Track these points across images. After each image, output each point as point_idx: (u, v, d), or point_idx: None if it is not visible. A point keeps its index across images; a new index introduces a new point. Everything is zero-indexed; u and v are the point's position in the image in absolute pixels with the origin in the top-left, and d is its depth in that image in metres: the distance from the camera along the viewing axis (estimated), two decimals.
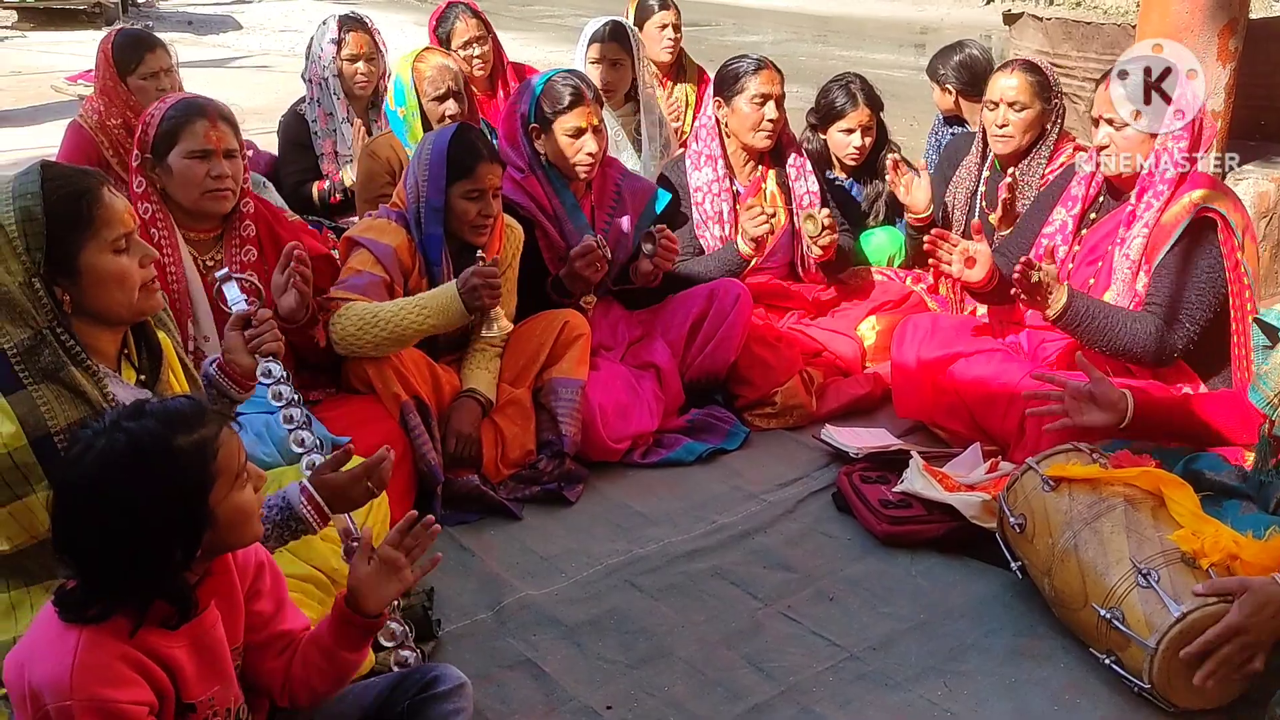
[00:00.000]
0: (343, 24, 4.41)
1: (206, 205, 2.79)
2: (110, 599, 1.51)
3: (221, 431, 1.59)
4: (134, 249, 1.92)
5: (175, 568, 1.55)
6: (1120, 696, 2.27)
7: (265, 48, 11.15)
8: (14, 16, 11.30)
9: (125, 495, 1.49)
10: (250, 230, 2.91)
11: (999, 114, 3.78)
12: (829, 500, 3.08)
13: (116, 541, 1.49)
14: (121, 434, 1.52)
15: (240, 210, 2.89)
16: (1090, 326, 2.98)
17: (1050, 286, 2.97)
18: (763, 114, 3.76)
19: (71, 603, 1.52)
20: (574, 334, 3.29)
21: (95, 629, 1.50)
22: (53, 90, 8.20)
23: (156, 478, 1.51)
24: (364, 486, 2.09)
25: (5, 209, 1.82)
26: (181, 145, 2.74)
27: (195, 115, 2.76)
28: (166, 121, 2.76)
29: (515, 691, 2.32)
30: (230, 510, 1.59)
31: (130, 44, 3.99)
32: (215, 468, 1.56)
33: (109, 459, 1.50)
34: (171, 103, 2.82)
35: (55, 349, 1.83)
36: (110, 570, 1.51)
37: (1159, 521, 2.33)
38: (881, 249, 4.27)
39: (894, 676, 2.37)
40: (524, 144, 3.50)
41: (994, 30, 13.48)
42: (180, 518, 1.53)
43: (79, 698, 1.46)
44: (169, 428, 1.53)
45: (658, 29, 4.99)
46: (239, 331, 2.29)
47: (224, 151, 2.77)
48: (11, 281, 1.81)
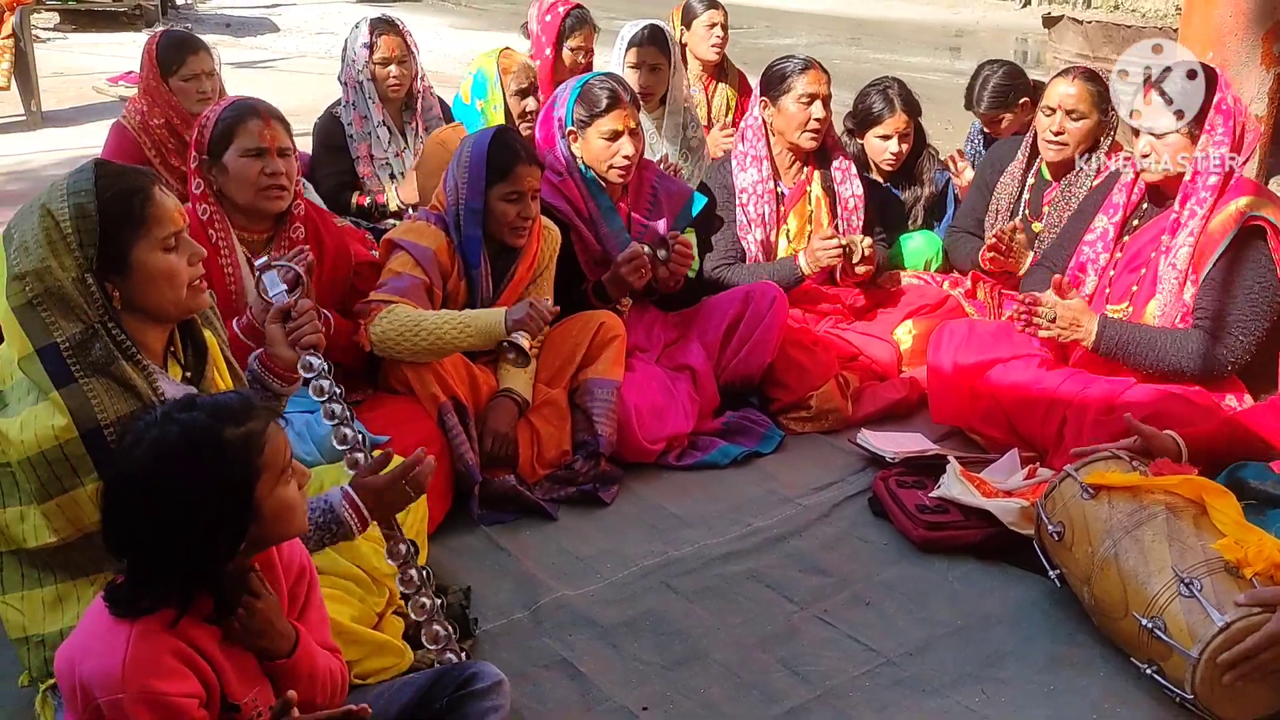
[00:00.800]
0: (374, 27, 4.44)
1: (262, 203, 2.84)
2: (158, 591, 1.53)
3: (269, 426, 1.62)
4: (183, 247, 1.94)
5: (220, 560, 1.56)
6: (1161, 707, 2.25)
7: (302, 50, 11.23)
8: (56, 18, 11.44)
9: (176, 486, 1.51)
10: (300, 232, 2.96)
11: (1055, 120, 3.73)
12: (865, 505, 3.07)
13: (166, 532, 1.52)
14: (173, 426, 1.54)
15: (292, 212, 2.94)
16: (1129, 352, 2.97)
17: (1077, 320, 2.98)
18: (809, 113, 3.75)
19: (122, 597, 1.54)
20: (610, 335, 3.30)
21: (146, 623, 1.52)
22: (94, 91, 8.30)
23: (206, 469, 1.53)
24: (403, 489, 2.10)
25: (60, 205, 1.85)
26: (237, 144, 2.79)
27: (249, 115, 2.82)
28: (222, 122, 2.81)
29: (551, 691, 2.33)
30: (275, 504, 1.61)
31: (174, 46, 4.04)
32: (262, 461, 1.58)
33: (161, 450, 1.53)
34: (226, 104, 2.88)
35: (106, 343, 1.86)
36: (159, 561, 1.53)
37: (1201, 530, 2.31)
38: (919, 253, 4.25)
39: (931, 683, 2.36)
40: (561, 147, 3.52)
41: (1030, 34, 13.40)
42: (227, 510, 1.55)
43: (130, 690, 1.48)
44: (218, 421, 1.56)
45: (706, 28, 5.04)
46: (279, 324, 2.28)
47: (278, 149, 2.82)
48: (65, 277, 1.84)
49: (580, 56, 4.84)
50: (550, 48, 4.76)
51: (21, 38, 7.00)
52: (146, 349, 1.94)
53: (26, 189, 5.56)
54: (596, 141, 3.45)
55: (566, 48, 4.78)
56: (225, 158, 2.81)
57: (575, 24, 4.80)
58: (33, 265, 1.83)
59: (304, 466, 1.71)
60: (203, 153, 2.84)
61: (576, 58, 4.82)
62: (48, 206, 1.86)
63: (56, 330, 1.84)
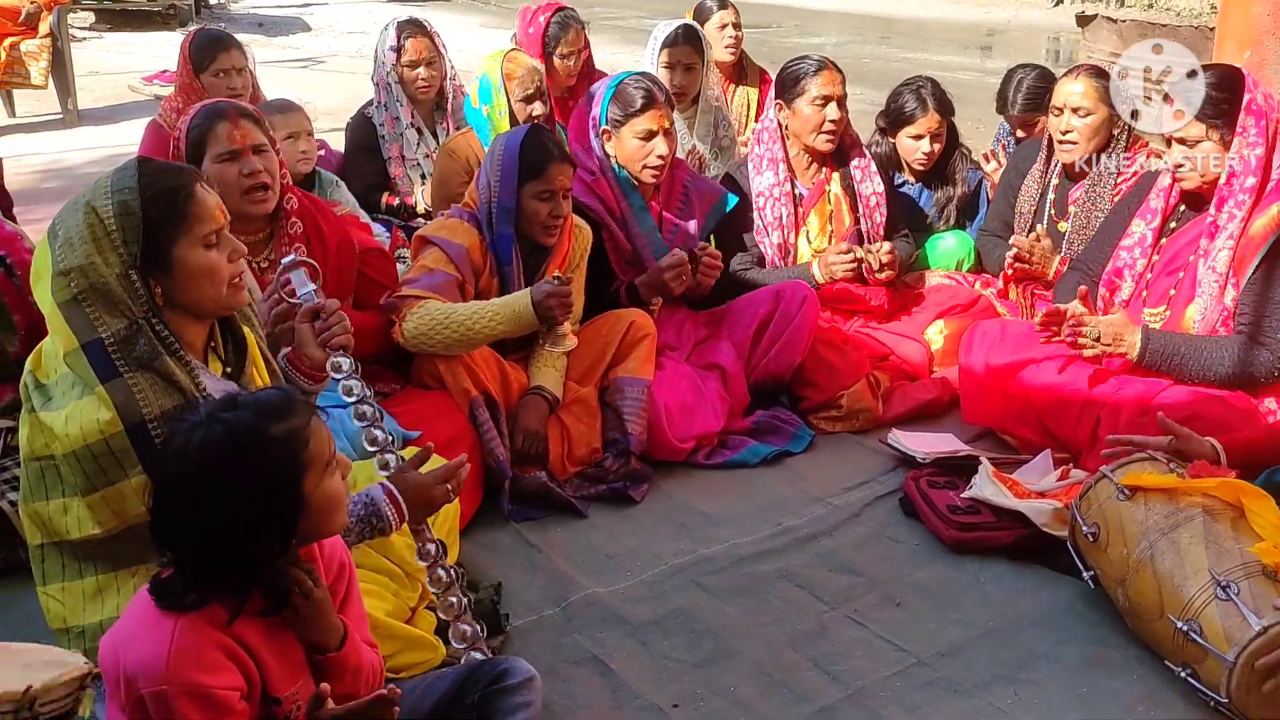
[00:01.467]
0: (401, 30, 4.45)
1: (248, 207, 2.78)
2: (207, 588, 1.55)
3: (311, 420, 1.63)
4: (224, 244, 1.96)
5: (273, 556, 1.58)
6: (1196, 710, 2.24)
7: (334, 49, 11.31)
8: (92, 18, 11.58)
9: (222, 486, 1.53)
10: (297, 227, 2.93)
11: (1064, 120, 3.72)
12: (896, 505, 3.06)
13: (215, 532, 1.53)
14: (218, 425, 1.56)
15: (285, 208, 2.91)
16: (1174, 364, 2.95)
17: (1119, 335, 2.96)
18: (824, 115, 3.74)
19: (168, 591, 1.56)
20: (640, 334, 3.31)
21: (191, 616, 1.54)
22: (129, 90, 8.39)
23: (253, 467, 1.55)
24: (444, 489, 2.13)
25: (104, 202, 1.88)
26: (210, 151, 2.74)
27: (216, 119, 2.76)
28: (193, 131, 2.76)
29: (582, 687, 2.34)
30: (322, 497, 1.63)
31: (206, 43, 4.09)
32: (307, 456, 1.60)
33: (207, 451, 1.54)
34: (195, 111, 2.82)
35: (150, 339, 1.88)
36: (208, 560, 1.55)
37: (1239, 533, 2.29)
38: (950, 253, 4.23)
39: (962, 684, 2.35)
40: (594, 146, 3.52)
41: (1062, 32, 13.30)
42: (276, 506, 1.56)
43: (174, 683, 1.50)
44: (262, 418, 1.57)
45: (717, 29, 4.98)
46: (309, 324, 2.27)
47: (252, 148, 2.75)
48: (109, 273, 1.86)
49: (572, 62, 4.70)
50: (541, 60, 4.57)
51: (59, 37, 7.09)
52: (188, 345, 1.96)
53: (64, 186, 5.63)
54: (630, 141, 3.46)
55: (556, 57, 4.65)
56: (204, 166, 2.73)
57: (559, 31, 4.65)
58: (78, 261, 1.86)
59: (346, 458, 1.72)
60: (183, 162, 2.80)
61: (568, 64, 4.69)
62: (92, 203, 1.88)
63: (101, 326, 1.86)
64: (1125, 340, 3.01)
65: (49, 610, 2.02)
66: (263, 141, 2.80)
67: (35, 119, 7.44)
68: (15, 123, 7.33)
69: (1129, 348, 2.99)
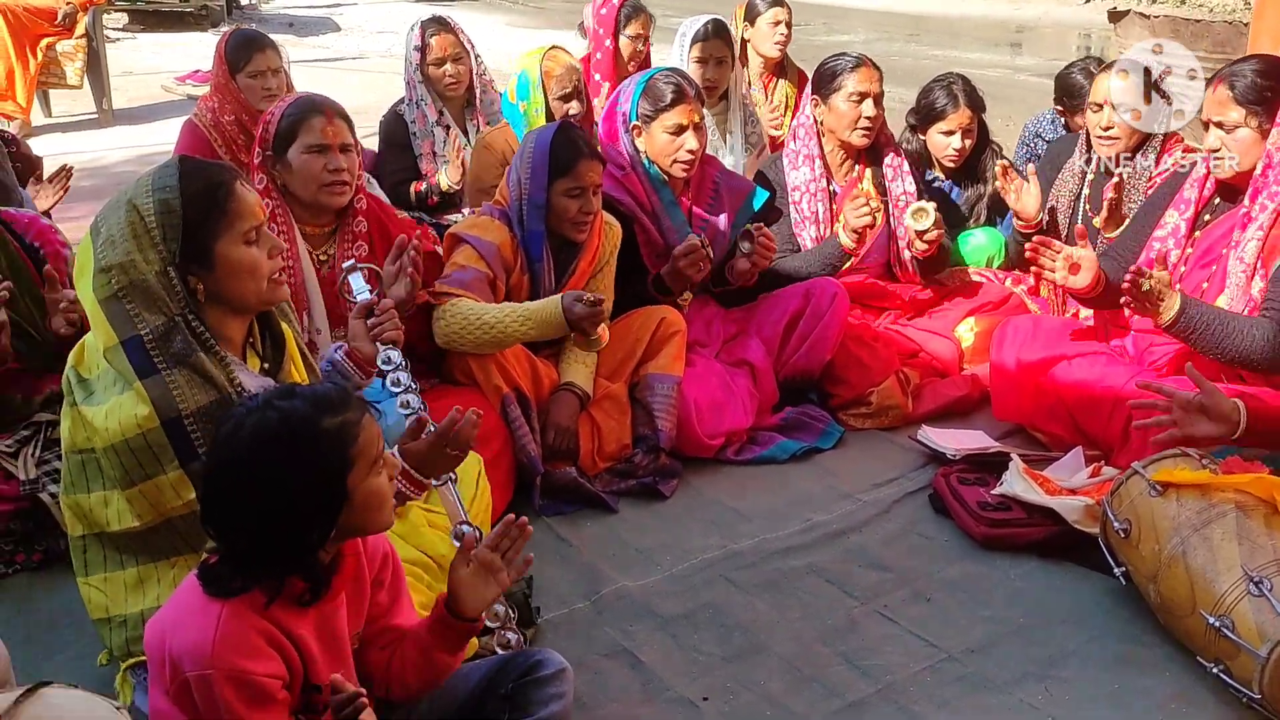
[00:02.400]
0: (425, 28, 4.49)
1: (324, 198, 2.88)
2: (251, 572, 1.58)
3: (363, 417, 1.66)
4: (263, 240, 1.99)
5: (312, 545, 1.61)
6: (1228, 707, 2.23)
7: (363, 49, 11.38)
8: (125, 19, 11.70)
9: (273, 471, 1.56)
10: (362, 226, 3.00)
11: (1104, 116, 3.71)
12: (925, 501, 3.06)
13: (262, 515, 1.57)
14: (273, 412, 1.59)
15: (354, 206, 2.98)
16: (1205, 334, 2.90)
17: (1162, 293, 2.90)
18: (860, 111, 3.74)
19: (215, 576, 1.59)
20: (670, 330, 3.32)
21: (237, 603, 1.57)
22: (162, 90, 8.48)
23: (303, 456, 1.58)
24: (444, 451, 2.14)
25: (145, 200, 1.91)
26: (300, 140, 2.84)
27: (312, 112, 2.87)
28: (286, 119, 2.86)
29: (612, 679, 2.36)
30: (366, 493, 1.65)
31: (242, 43, 4.14)
32: (355, 450, 1.63)
33: (261, 434, 1.58)
34: (290, 101, 2.93)
35: (186, 335, 1.91)
36: (254, 543, 1.58)
37: (1272, 529, 2.28)
38: (981, 250, 4.21)
39: (993, 680, 2.35)
40: (625, 141, 3.54)
41: (1094, 29, 13.20)
42: (322, 496, 1.59)
43: (219, 667, 1.53)
44: (317, 410, 1.61)
45: (770, 25, 5.07)
46: (362, 320, 2.41)
47: (340, 146, 2.86)
48: (149, 270, 1.90)
49: (639, 45, 4.90)
50: (610, 38, 4.82)
51: (94, 37, 7.18)
52: (227, 341, 2.00)
53: (100, 185, 5.70)
54: (660, 136, 3.47)
55: (624, 36, 4.86)
56: (289, 154, 2.86)
57: (631, 13, 4.87)
58: (118, 259, 1.89)
59: (395, 458, 1.74)
60: (267, 148, 2.89)
61: (635, 45, 4.88)
62: (134, 201, 1.92)
63: (140, 322, 1.90)
64: (1165, 300, 2.95)
65: (90, 600, 2.06)
66: (350, 142, 2.91)
67: (71, 119, 7.54)
68: (51, 122, 7.43)
69: (1167, 308, 2.94)
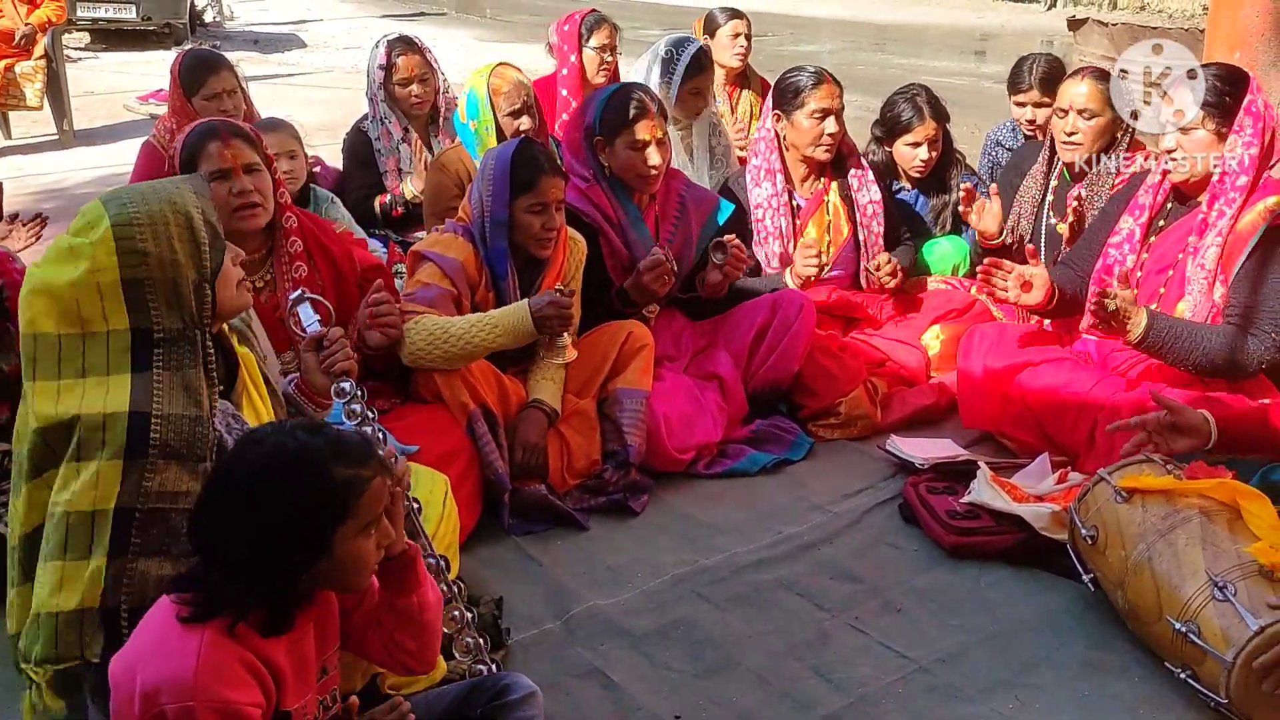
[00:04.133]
0: (391, 48, 4.47)
1: (238, 225, 2.78)
2: (226, 590, 1.56)
3: (375, 479, 1.64)
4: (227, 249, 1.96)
5: (282, 580, 1.59)
6: (1196, 712, 2.24)
7: (330, 65, 11.35)
8: (87, 38, 11.62)
9: (272, 494, 1.56)
10: (298, 245, 2.95)
11: (1069, 121, 3.74)
12: (895, 511, 3.07)
13: (247, 535, 1.56)
14: (294, 441, 1.60)
15: (284, 226, 2.92)
16: (1173, 347, 2.94)
17: (1128, 312, 2.93)
18: (823, 129, 3.75)
19: (192, 596, 1.57)
20: (638, 345, 3.31)
21: (216, 631, 1.55)
22: (125, 109, 8.42)
23: (304, 490, 1.57)
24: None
25: (196, 212, 1.88)
26: (202, 169, 2.75)
27: (207, 138, 2.78)
28: (184, 151, 2.79)
29: (584, 700, 2.34)
30: (349, 552, 1.63)
31: (195, 66, 4.09)
32: (355, 507, 1.61)
33: (273, 457, 1.58)
34: (188, 131, 2.84)
35: (196, 349, 1.87)
36: (235, 562, 1.56)
37: (1235, 534, 2.30)
38: (946, 258, 4.24)
39: (964, 689, 2.35)
40: (588, 155, 3.53)
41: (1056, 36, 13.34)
42: (306, 537, 1.58)
43: (202, 698, 1.50)
44: (334, 455, 1.60)
45: (730, 37, 5.10)
46: (313, 352, 2.36)
47: (243, 167, 2.77)
48: (189, 276, 1.86)
49: (606, 56, 4.87)
50: (575, 53, 4.81)
51: (53, 58, 7.12)
52: None
53: (61, 207, 5.63)
54: (624, 151, 3.47)
55: (589, 48, 4.83)
56: None
57: (595, 25, 4.85)
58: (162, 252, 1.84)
59: (390, 531, 1.72)
60: None
61: (602, 57, 4.85)
62: (186, 208, 1.87)
63: (159, 319, 1.85)
64: (1132, 318, 2.98)
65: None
66: (254, 160, 2.80)
67: (31, 140, 7.47)
68: (11, 144, 7.37)
69: (1134, 325, 2.97)
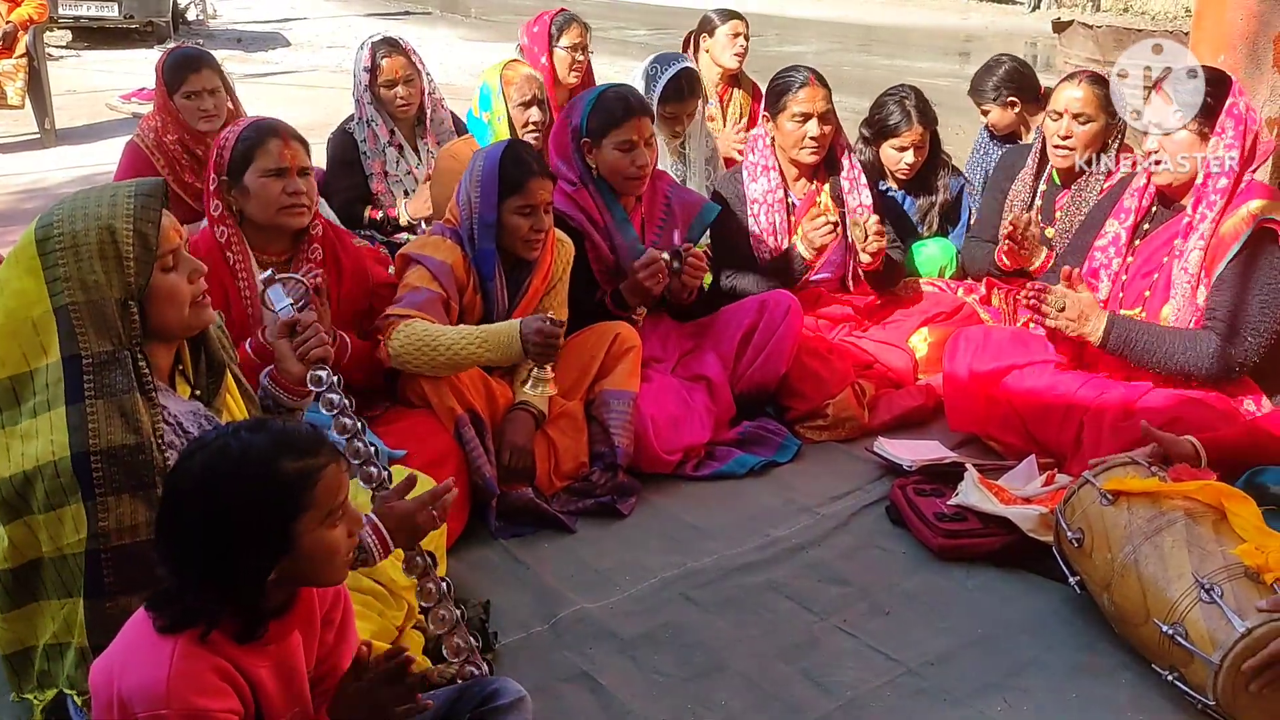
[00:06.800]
0: (375, 49, 4.44)
1: (284, 220, 2.86)
2: (193, 601, 1.53)
3: (328, 466, 1.59)
4: (182, 265, 1.92)
5: (247, 583, 1.56)
6: (1184, 713, 2.25)
7: (314, 64, 11.30)
8: (69, 36, 11.54)
9: (219, 500, 1.52)
10: (318, 253, 2.98)
11: (1062, 125, 3.74)
12: (883, 513, 3.07)
13: (204, 544, 1.52)
14: (234, 442, 1.56)
15: (311, 233, 2.96)
16: (1137, 350, 2.96)
17: (1085, 315, 2.97)
18: (805, 131, 3.76)
19: (163, 606, 1.54)
20: (625, 346, 3.31)
21: (189, 639, 1.52)
22: (107, 108, 8.36)
23: (249, 492, 1.53)
24: (429, 514, 2.07)
25: (125, 227, 1.84)
26: (257, 164, 2.81)
27: (269, 135, 2.84)
28: (242, 143, 2.83)
29: (573, 704, 2.33)
30: (314, 544, 1.59)
31: (177, 63, 4.04)
32: (310, 498, 1.57)
33: (214, 462, 1.54)
34: (245, 125, 2.90)
35: (129, 371, 1.83)
36: (195, 572, 1.53)
37: (1221, 536, 2.30)
38: (933, 260, 4.25)
39: (953, 692, 2.35)
40: (575, 157, 3.52)
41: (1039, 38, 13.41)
42: (263, 537, 1.54)
43: (174, 707, 1.48)
44: (279, 449, 1.56)
45: (729, 37, 5.10)
46: (286, 339, 2.27)
47: (298, 169, 2.85)
48: (112, 295, 1.83)
49: (577, 55, 4.86)
50: (545, 55, 4.81)
51: (35, 56, 7.07)
52: (154, 369, 1.92)
53: (42, 206, 5.54)
54: (611, 152, 3.46)
55: (560, 49, 4.83)
56: (246, 178, 2.82)
57: (564, 23, 4.84)
58: (81, 274, 1.81)
59: (358, 513, 1.68)
60: (222, 174, 2.85)
61: (573, 56, 4.84)
62: (112, 225, 1.83)
63: (86, 344, 1.82)
64: (1090, 321, 3.01)
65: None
66: (307, 165, 2.90)
67: (12, 139, 7.42)
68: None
69: (1093, 330, 2.99)
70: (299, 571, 1.61)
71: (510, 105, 4.01)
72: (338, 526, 1.62)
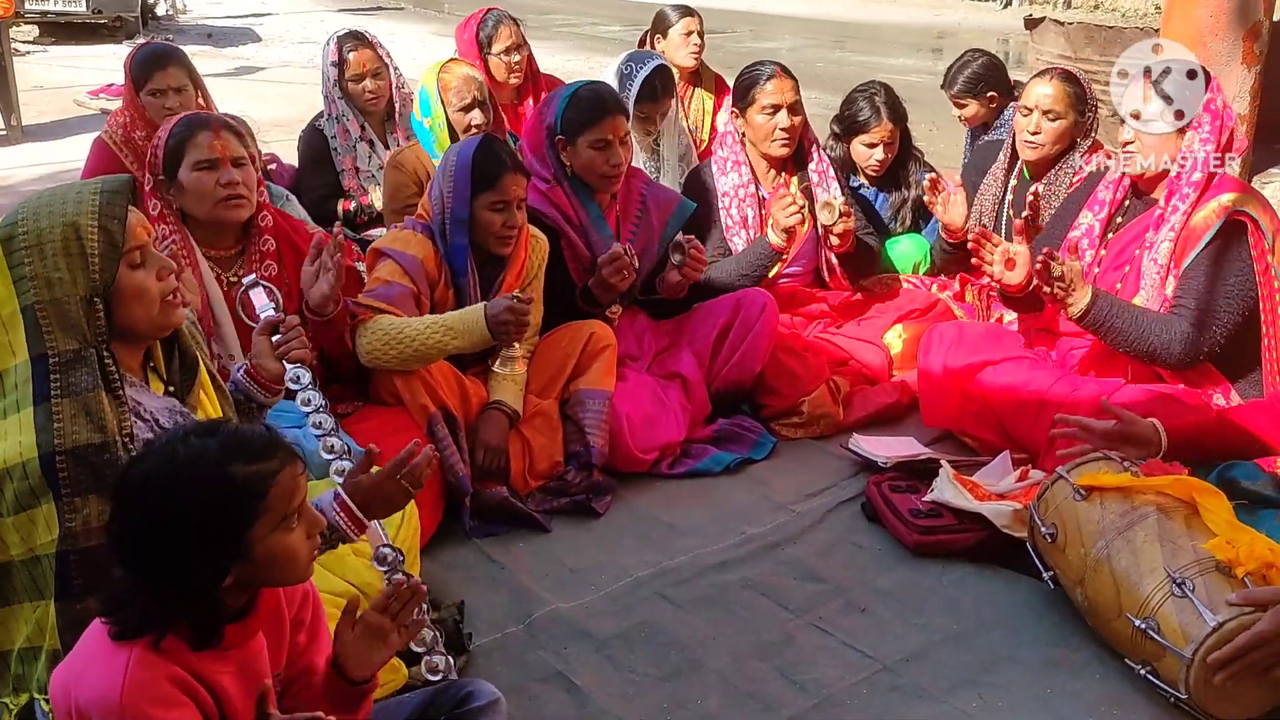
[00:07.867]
0: (341, 43, 4.39)
1: (222, 214, 2.81)
2: (145, 606, 1.50)
3: (283, 470, 1.55)
4: (150, 262, 1.89)
5: (199, 589, 1.52)
6: (1157, 707, 2.26)
7: (284, 59, 11.21)
8: (36, 31, 11.39)
9: (166, 503, 1.49)
10: (270, 245, 2.93)
11: (1032, 120, 3.77)
12: (858, 510, 3.07)
13: (153, 550, 1.49)
14: (182, 447, 1.52)
15: (259, 225, 2.91)
16: (1114, 327, 2.96)
17: (1073, 284, 2.95)
18: (775, 123, 3.77)
19: (118, 613, 1.51)
20: (600, 345, 3.29)
21: (146, 649, 1.50)
22: (75, 104, 8.27)
23: (198, 497, 1.49)
24: (398, 484, 2.04)
25: (90, 224, 1.81)
26: (189, 158, 2.76)
27: (198, 128, 2.79)
28: (172, 139, 2.79)
29: (548, 705, 2.32)
30: (270, 549, 1.55)
31: (145, 60, 3.98)
32: (264, 504, 1.53)
33: (163, 466, 1.51)
34: (174, 122, 2.85)
35: (95, 369, 1.81)
36: (146, 579, 1.50)
37: (1192, 530, 2.32)
38: (907, 256, 4.26)
39: (928, 689, 2.36)
40: (550, 155, 3.50)
41: (1012, 34, 13.48)
42: (211, 543, 1.51)
43: (129, 717, 1.46)
44: (228, 454, 1.52)
45: (683, 35, 4.99)
46: (266, 337, 2.31)
47: (231, 160, 2.79)
48: (75, 294, 1.80)
49: (512, 57, 4.62)
50: (477, 61, 4.55)
51: (1, 51, 6.96)
52: (125, 367, 1.89)
53: (8, 205, 5.49)
54: (586, 151, 3.43)
55: (493, 56, 4.61)
56: (180, 174, 2.78)
57: (493, 28, 4.61)
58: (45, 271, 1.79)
59: (318, 516, 1.65)
60: (157, 173, 2.80)
61: (508, 61, 4.62)
62: (77, 221, 1.80)
63: (52, 343, 1.79)
64: (1077, 290, 2.98)
65: None
66: (242, 155, 2.83)
67: None
68: None
69: (1077, 300, 2.97)
70: (257, 576, 1.58)
71: (450, 110, 3.89)
72: (294, 530, 1.58)
